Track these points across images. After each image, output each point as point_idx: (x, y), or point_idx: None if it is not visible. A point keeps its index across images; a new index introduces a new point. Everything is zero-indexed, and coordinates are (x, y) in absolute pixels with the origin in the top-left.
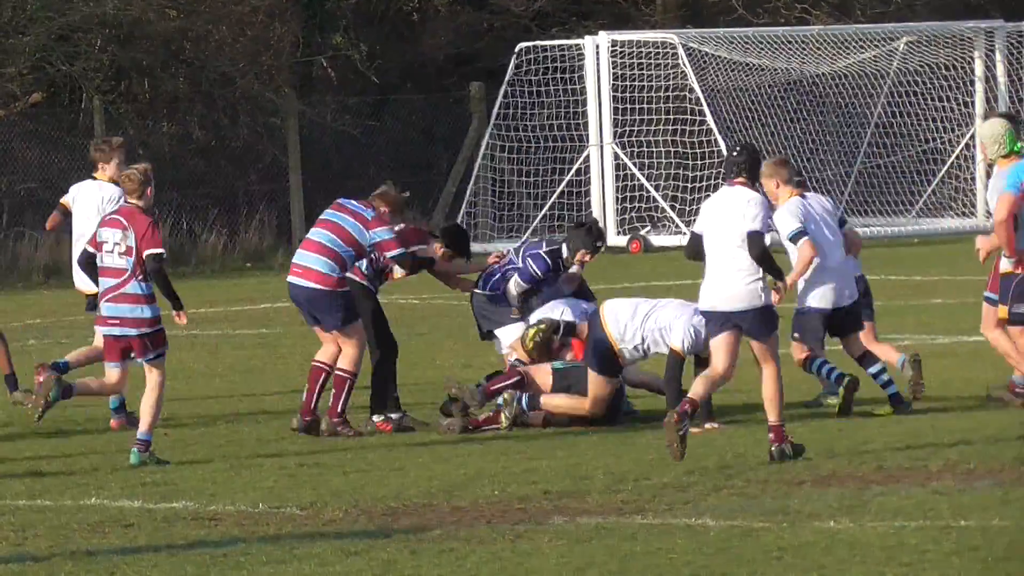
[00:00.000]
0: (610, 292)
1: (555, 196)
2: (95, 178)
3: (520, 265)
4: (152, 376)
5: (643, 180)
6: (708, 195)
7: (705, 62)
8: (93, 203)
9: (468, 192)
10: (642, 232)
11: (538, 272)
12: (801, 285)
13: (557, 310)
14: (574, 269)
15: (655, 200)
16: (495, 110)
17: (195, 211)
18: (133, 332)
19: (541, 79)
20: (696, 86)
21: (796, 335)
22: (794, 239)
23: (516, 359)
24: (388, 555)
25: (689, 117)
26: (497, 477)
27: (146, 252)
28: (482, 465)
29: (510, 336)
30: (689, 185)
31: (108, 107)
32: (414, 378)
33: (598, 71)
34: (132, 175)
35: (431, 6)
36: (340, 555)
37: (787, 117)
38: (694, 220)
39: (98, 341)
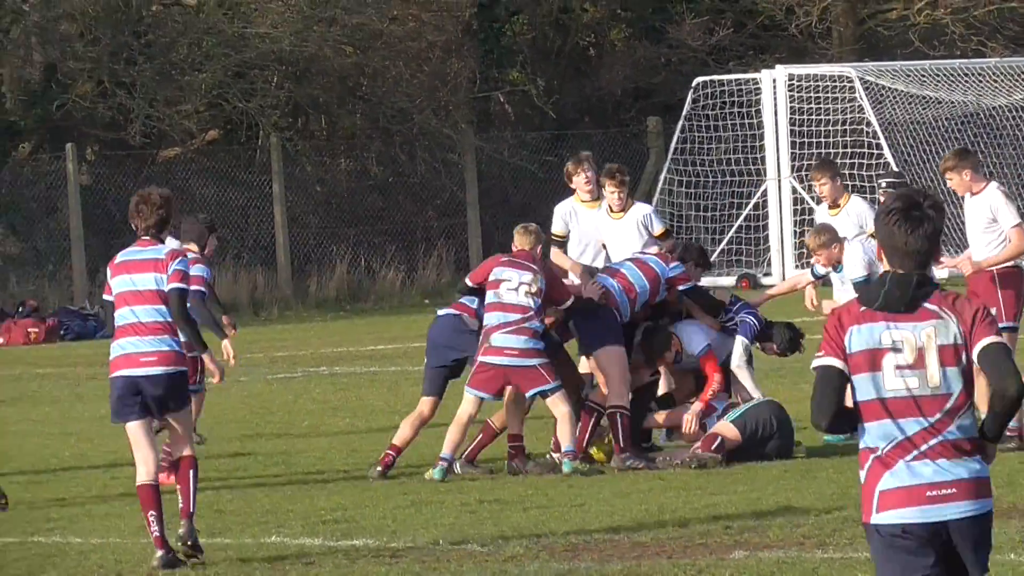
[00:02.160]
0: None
1: (733, 230)
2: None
3: (740, 322)
4: (556, 409)
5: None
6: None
7: (882, 95)
8: None
9: None
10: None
11: (758, 325)
12: None
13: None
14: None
15: None
16: (673, 144)
17: (373, 247)
18: (529, 362)
19: (718, 113)
20: (873, 119)
21: None
22: None
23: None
24: None
25: (866, 151)
26: (678, 512)
27: (564, 303)
28: (663, 500)
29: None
30: None
31: (285, 143)
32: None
33: (775, 105)
34: (534, 232)
35: (608, 41)
36: None
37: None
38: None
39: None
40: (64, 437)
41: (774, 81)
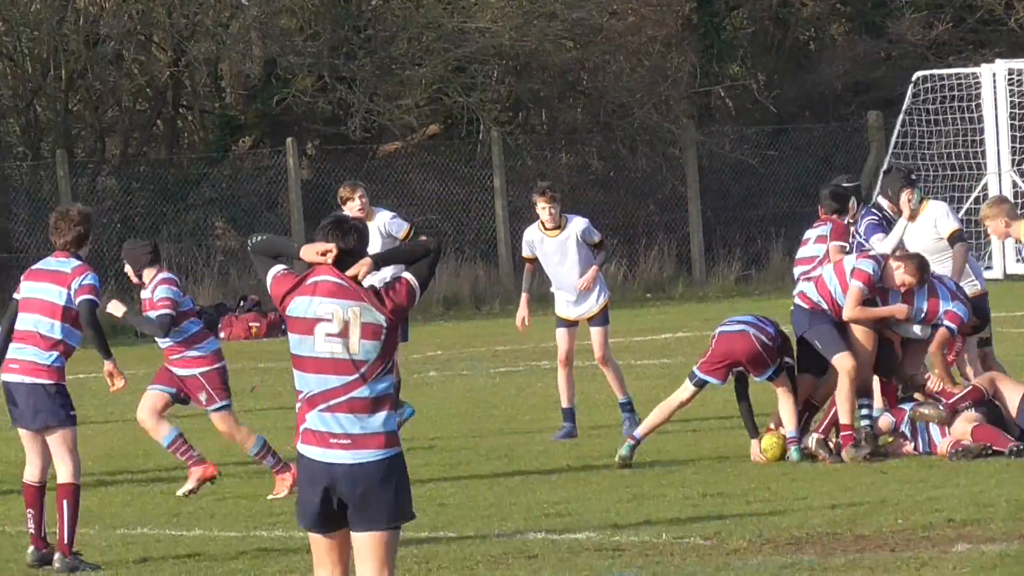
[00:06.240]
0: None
1: None
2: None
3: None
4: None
5: None
6: None
7: None
8: None
9: None
10: None
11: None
12: None
13: None
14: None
15: None
16: (893, 138)
17: None
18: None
19: (939, 107)
20: None
21: None
22: None
23: None
24: None
25: None
26: (901, 505)
27: None
28: (885, 494)
29: None
30: None
31: (506, 138)
32: None
33: (995, 99)
34: None
35: (827, 35)
36: None
37: None
38: None
39: None
40: (288, 431)
41: (994, 75)
